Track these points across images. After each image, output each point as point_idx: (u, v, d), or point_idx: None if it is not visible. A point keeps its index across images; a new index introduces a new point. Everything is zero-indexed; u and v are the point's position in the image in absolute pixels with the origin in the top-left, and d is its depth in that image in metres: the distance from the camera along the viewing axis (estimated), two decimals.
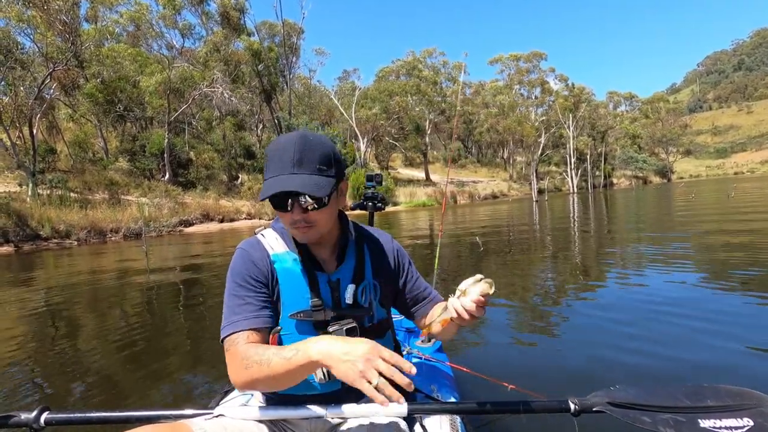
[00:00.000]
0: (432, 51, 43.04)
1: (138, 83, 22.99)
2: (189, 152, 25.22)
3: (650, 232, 8.41)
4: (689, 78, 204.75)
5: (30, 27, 19.05)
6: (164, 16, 28.28)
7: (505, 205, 24.82)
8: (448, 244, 8.72)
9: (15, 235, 13.66)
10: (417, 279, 1.23)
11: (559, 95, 49.14)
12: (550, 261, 6.05)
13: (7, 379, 2.62)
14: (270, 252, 1.07)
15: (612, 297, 3.86)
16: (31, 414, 1.00)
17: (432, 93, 38.03)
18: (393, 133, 38.71)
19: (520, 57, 50.00)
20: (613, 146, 57.95)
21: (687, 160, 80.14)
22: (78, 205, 16.33)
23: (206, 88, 23.95)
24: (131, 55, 23.76)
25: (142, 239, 9.57)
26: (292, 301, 1.04)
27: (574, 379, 2.29)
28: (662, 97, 74.36)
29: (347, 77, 46.11)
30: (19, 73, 18.53)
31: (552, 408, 1.05)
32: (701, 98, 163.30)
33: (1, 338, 3.71)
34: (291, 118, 28.85)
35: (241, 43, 28.14)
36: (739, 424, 0.96)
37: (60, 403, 2.23)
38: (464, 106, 47.37)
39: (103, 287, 6.16)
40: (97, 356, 2.81)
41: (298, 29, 33.60)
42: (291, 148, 0.96)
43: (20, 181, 17.41)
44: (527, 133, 44.09)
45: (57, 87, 21.01)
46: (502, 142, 50.93)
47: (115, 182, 20.43)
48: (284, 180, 0.95)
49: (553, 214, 15.44)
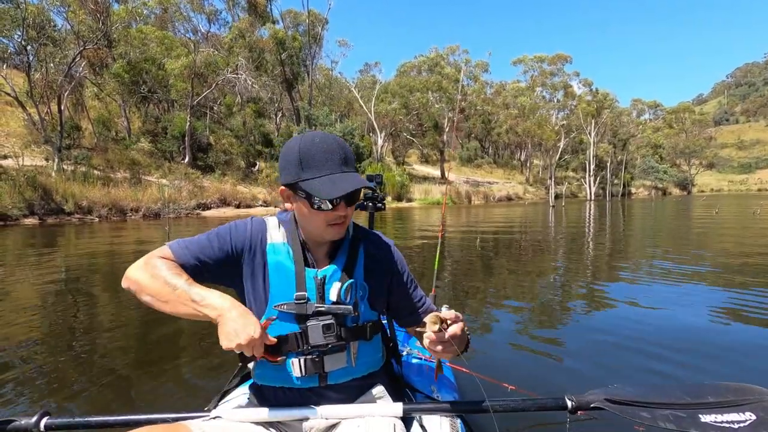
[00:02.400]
0: (455, 48, 42.68)
1: (163, 66, 23.29)
2: (209, 137, 25.53)
3: (667, 246, 8.30)
4: (717, 89, 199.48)
5: (63, 5, 19.45)
6: (192, 0, 28.52)
7: (520, 208, 24.64)
8: (459, 244, 8.73)
9: (40, 208, 14.06)
10: (413, 289, 1.22)
11: (581, 100, 48.37)
12: (558, 266, 6.01)
13: None
14: (269, 240, 1.09)
15: (615, 306, 3.83)
16: (32, 419, 1.00)
17: (453, 91, 37.76)
18: (411, 129, 38.57)
19: (544, 59, 49.32)
20: (634, 155, 56.90)
21: (709, 173, 78.27)
22: (100, 183, 16.70)
23: (230, 74, 24.16)
24: (158, 38, 24.05)
25: (163, 220, 9.76)
26: (279, 292, 1.05)
27: (574, 380, 2.29)
28: (688, 107, 72.65)
29: (368, 70, 46.08)
30: (50, 50, 18.94)
31: (548, 406, 1.05)
32: (728, 110, 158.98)
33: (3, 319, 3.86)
34: (311, 108, 28.93)
35: (266, 30, 28.27)
36: (741, 418, 0.95)
37: (57, 396, 2.20)
38: (484, 105, 46.92)
39: (117, 267, 6.31)
40: (96, 356, 2.74)
41: (322, 19, 33.60)
42: (336, 148, 1.01)
43: (46, 155, 17.85)
44: (547, 137, 43.54)
45: (86, 65, 21.41)
46: (520, 144, 50.38)
47: (137, 162, 20.80)
48: (348, 178, 1.00)
49: (569, 221, 15.28)
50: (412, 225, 13.45)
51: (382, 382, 1.15)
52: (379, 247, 1.18)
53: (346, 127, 28.56)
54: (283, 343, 1.03)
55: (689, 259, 6.26)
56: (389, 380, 1.21)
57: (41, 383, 2.33)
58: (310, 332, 1.03)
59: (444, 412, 1.09)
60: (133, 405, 2.13)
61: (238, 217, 1.36)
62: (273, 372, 1.06)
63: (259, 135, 28.81)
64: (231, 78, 24.41)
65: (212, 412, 1.04)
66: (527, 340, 3.01)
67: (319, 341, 1.03)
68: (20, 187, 13.83)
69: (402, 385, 1.27)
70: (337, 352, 1.06)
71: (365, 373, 1.12)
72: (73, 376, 2.44)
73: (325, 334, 1.02)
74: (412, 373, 1.41)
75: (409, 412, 1.04)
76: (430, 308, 1.24)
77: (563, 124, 47.56)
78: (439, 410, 1.08)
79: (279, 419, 1.05)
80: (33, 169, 15.48)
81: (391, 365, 1.26)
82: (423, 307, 1.22)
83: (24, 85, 18.94)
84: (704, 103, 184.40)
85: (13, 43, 18.83)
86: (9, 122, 20.13)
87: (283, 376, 1.06)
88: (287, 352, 1.04)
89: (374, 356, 1.15)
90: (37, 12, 17.92)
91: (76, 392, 2.23)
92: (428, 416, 1.10)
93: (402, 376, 1.30)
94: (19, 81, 19.63)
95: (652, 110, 68.50)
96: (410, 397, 1.26)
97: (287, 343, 1.04)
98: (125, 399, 2.19)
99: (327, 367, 1.05)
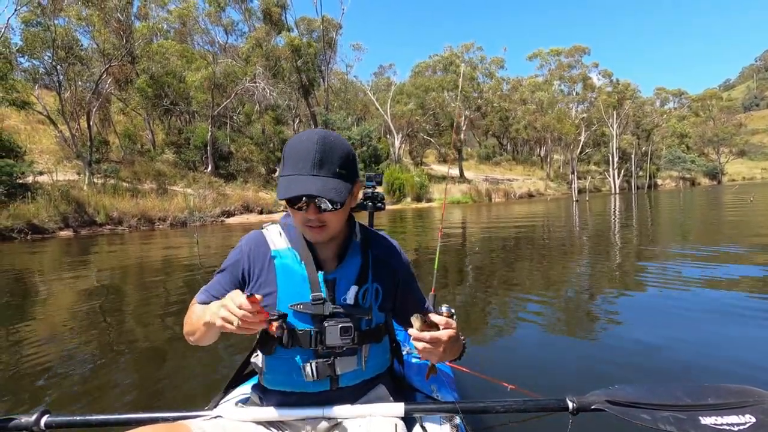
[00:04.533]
0: (470, 46, 42.39)
1: (184, 78, 23.97)
2: (230, 145, 26.11)
3: (696, 238, 8.04)
4: (745, 73, 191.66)
5: (88, 25, 20.26)
6: (210, 13, 29.24)
7: (542, 205, 24.25)
8: (479, 242, 8.68)
9: (74, 221, 14.65)
10: (415, 289, 1.23)
11: (602, 91, 47.28)
12: (575, 264, 5.89)
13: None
14: (271, 247, 1.09)
15: (626, 304, 3.74)
16: (32, 417, 1.01)
17: (469, 89, 37.50)
18: (428, 129, 38.49)
19: (561, 52, 48.43)
20: (659, 145, 55.22)
21: (740, 162, 75.14)
22: (129, 194, 17.29)
23: (248, 83, 24.66)
24: (178, 51, 24.77)
25: (190, 228, 10.02)
26: (290, 294, 1.05)
27: (575, 380, 2.28)
28: (715, 93, 70.00)
29: (383, 72, 46.27)
30: (78, 68, 19.75)
31: (550, 407, 1.05)
32: (758, 95, 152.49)
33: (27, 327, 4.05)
34: (328, 113, 29.22)
35: (281, 39, 28.74)
36: (741, 420, 0.95)
37: (58, 395, 2.25)
38: (501, 102, 46.40)
39: (145, 275, 6.52)
40: (101, 355, 2.85)
41: (336, 24, 33.92)
42: (312, 149, 0.96)
43: (78, 170, 18.58)
44: (567, 131, 42.72)
45: (112, 82, 22.22)
46: (540, 139, 49.59)
47: (162, 173, 21.44)
48: (304, 181, 0.96)
49: (594, 216, 14.97)
50: (432, 225, 13.42)
51: (384, 382, 1.17)
52: (386, 249, 1.18)
53: (363, 130, 28.73)
54: (296, 338, 1.04)
55: (718, 255, 6.05)
56: (391, 380, 1.22)
57: (41, 382, 2.42)
58: (327, 333, 1.03)
59: (444, 412, 1.09)
60: (133, 404, 2.15)
61: (261, 222, 1.38)
62: (285, 377, 1.06)
63: (278, 142, 29.29)
64: (249, 87, 24.91)
65: (213, 412, 1.04)
66: (527, 339, 3.00)
67: (336, 342, 1.03)
68: (55, 201, 14.46)
69: (403, 385, 1.29)
70: (350, 355, 1.06)
71: (373, 375, 1.13)
72: (74, 375, 2.50)
73: (342, 336, 1.03)
74: (412, 373, 1.43)
75: (411, 412, 1.04)
76: (428, 308, 1.25)
77: (583, 117, 46.57)
78: (439, 410, 1.09)
79: (281, 419, 1.04)
80: (66, 183, 16.16)
81: (392, 365, 1.27)
82: (422, 307, 1.24)
83: (55, 103, 19.79)
84: (732, 89, 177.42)
85: (44, 63, 19.73)
86: (42, 140, 21.06)
87: (295, 381, 1.05)
88: (294, 347, 1.05)
89: (382, 358, 1.16)
90: (65, 33, 18.71)
91: (76, 391, 2.28)
92: (428, 416, 1.10)
93: (403, 376, 1.32)
94: (50, 100, 20.52)
95: (677, 98, 66.35)
96: (411, 397, 1.27)
97: (300, 340, 1.04)
98: (125, 398, 2.21)
99: (338, 370, 1.05)
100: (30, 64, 20.16)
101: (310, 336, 1.04)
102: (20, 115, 20.27)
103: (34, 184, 15.03)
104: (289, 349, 1.05)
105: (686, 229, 9.51)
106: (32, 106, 18.43)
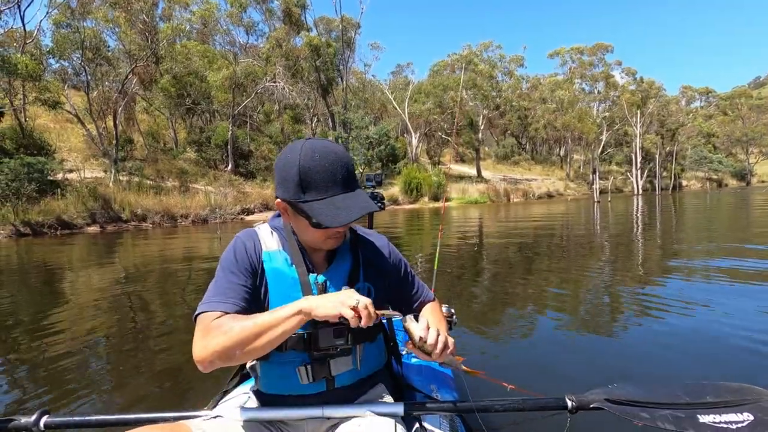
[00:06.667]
0: (488, 44, 41.97)
1: (206, 78, 24.44)
2: (250, 144, 26.48)
3: (721, 242, 7.80)
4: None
5: (115, 26, 20.83)
6: (231, 14, 29.70)
7: (561, 205, 23.87)
8: (495, 243, 8.61)
9: (101, 217, 15.11)
10: (411, 282, 1.23)
11: (625, 90, 46.20)
12: (579, 264, 5.80)
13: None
14: (263, 248, 1.07)
15: (629, 305, 3.70)
16: (31, 417, 1.01)
17: (488, 87, 37.15)
18: (446, 128, 38.29)
19: (583, 50, 47.48)
20: (684, 145, 53.65)
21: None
22: (152, 191, 17.73)
23: (268, 83, 24.98)
24: (200, 52, 25.25)
25: (211, 225, 10.21)
26: (281, 298, 1.03)
27: (575, 380, 2.28)
28: (744, 92, 67.64)
29: (401, 71, 46.21)
30: (105, 69, 20.33)
31: (549, 406, 1.05)
32: None
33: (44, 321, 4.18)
34: (346, 112, 29.36)
35: (301, 38, 28.99)
36: (739, 418, 0.95)
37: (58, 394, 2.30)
38: (520, 101, 45.80)
39: (168, 269, 6.70)
40: (103, 355, 2.88)
41: (355, 24, 34.02)
42: (338, 165, 0.96)
43: (104, 168, 19.14)
44: (588, 130, 41.90)
45: (137, 82, 22.80)
46: (559, 139, 48.77)
47: (185, 171, 21.91)
48: (352, 201, 0.96)
49: (616, 218, 14.66)
50: (449, 226, 13.38)
51: (383, 381, 1.16)
52: (376, 247, 1.18)
53: (381, 129, 28.75)
54: (290, 342, 1.02)
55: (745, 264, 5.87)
56: (390, 380, 1.22)
57: (41, 381, 2.46)
58: (320, 335, 1.02)
59: (444, 412, 1.09)
60: (133, 404, 2.16)
61: None
62: (280, 381, 1.06)
63: (296, 140, 29.55)
64: (269, 86, 25.23)
65: (213, 412, 1.04)
66: (527, 339, 3.00)
67: (330, 344, 1.02)
68: (83, 197, 14.94)
69: (402, 384, 1.28)
70: (344, 355, 1.06)
71: (370, 373, 1.13)
72: (75, 374, 2.53)
73: (335, 338, 1.02)
74: (411, 372, 1.43)
75: (410, 412, 1.04)
76: (428, 298, 1.26)
77: (605, 116, 45.59)
78: (439, 410, 1.08)
79: (280, 419, 1.04)
80: (93, 180, 16.67)
81: (391, 365, 1.27)
82: (421, 298, 1.24)
83: (83, 103, 20.42)
84: (762, 87, 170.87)
85: (72, 64, 20.37)
86: (70, 138, 21.77)
87: (291, 384, 1.05)
88: (288, 350, 1.03)
89: (378, 356, 1.17)
90: (93, 35, 19.28)
91: (77, 390, 2.31)
92: (428, 416, 1.10)
93: (402, 376, 1.32)
94: (77, 100, 21.18)
95: (704, 97, 64.35)
96: (410, 397, 1.27)
97: (293, 343, 1.02)
98: (126, 397, 2.23)
99: (333, 371, 1.05)
100: (59, 65, 20.87)
101: (304, 339, 1.02)
102: (50, 115, 20.98)
103: (63, 181, 15.56)
104: (284, 353, 1.03)
105: (712, 230, 9.24)
106: (62, 105, 19.05)
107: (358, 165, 26.81)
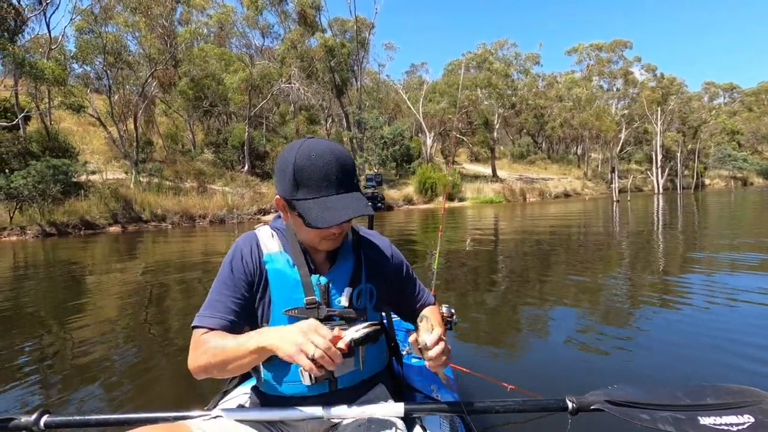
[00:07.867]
0: (504, 42, 41.53)
1: (222, 80, 24.81)
2: (265, 145, 26.80)
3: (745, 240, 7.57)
4: None
5: (135, 31, 21.33)
6: (247, 17, 30.07)
7: (579, 204, 23.49)
8: (512, 242, 8.53)
9: (122, 217, 15.50)
10: (412, 284, 1.24)
11: (645, 87, 45.19)
12: (584, 267, 5.70)
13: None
14: (264, 251, 1.07)
15: (629, 305, 3.65)
16: (31, 417, 1.01)
17: (503, 86, 36.79)
18: (461, 127, 38.05)
19: (601, 46, 46.64)
20: (707, 143, 52.20)
21: None
22: (172, 192, 18.10)
23: (283, 84, 25.23)
24: (217, 54, 25.66)
25: (229, 225, 10.36)
26: (283, 300, 1.04)
27: (575, 380, 2.27)
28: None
29: (415, 71, 46.09)
30: (126, 72, 20.83)
31: (549, 407, 1.05)
32: None
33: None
34: (361, 112, 29.45)
35: (315, 39, 29.20)
36: (739, 420, 0.95)
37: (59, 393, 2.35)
38: (536, 99, 45.21)
39: (187, 269, 6.83)
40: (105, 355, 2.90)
41: (369, 24, 34.08)
42: (334, 166, 0.95)
43: (125, 169, 19.62)
44: (606, 128, 41.11)
45: (156, 85, 23.29)
46: (576, 137, 47.97)
47: (202, 172, 22.29)
48: (343, 203, 0.95)
49: (637, 218, 14.35)
50: (465, 225, 13.31)
51: (383, 382, 1.16)
52: (378, 249, 1.18)
53: (396, 129, 28.76)
54: None
55: None
56: (391, 380, 1.23)
57: (41, 381, 2.51)
58: None
59: (444, 412, 1.09)
60: (133, 403, 2.17)
61: None
62: (283, 382, 1.06)
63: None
64: (285, 88, 25.48)
65: (212, 412, 1.04)
66: (527, 340, 2.99)
67: None
68: (105, 198, 15.35)
69: (403, 385, 1.29)
70: (346, 356, 1.03)
71: (371, 374, 1.13)
72: (75, 374, 2.57)
73: None
74: (412, 373, 1.43)
75: (411, 413, 1.04)
76: (428, 301, 1.26)
77: (624, 113, 44.67)
78: (439, 410, 1.08)
79: (280, 419, 1.04)
80: (115, 182, 17.10)
81: (392, 365, 1.27)
82: (422, 300, 1.25)
83: (104, 106, 20.97)
84: None
85: (95, 69, 20.94)
86: (92, 140, 22.37)
87: (293, 386, 1.05)
88: None
89: (380, 357, 1.17)
90: (114, 39, 19.78)
91: (77, 390, 2.35)
92: (428, 416, 1.10)
93: (403, 376, 1.32)
94: (99, 103, 21.76)
95: (728, 93, 62.53)
96: (411, 397, 1.27)
97: None
98: (126, 397, 2.25)
99: (337, 372, 1.03)
100: (82, 70, 21.46)
101: None
102: (74, 118, 21.60)
103: (86, 183, 16.00)
104: None
105: (735, 230, 8.98)
106: (86, 109, 19.61)
107: (372, 165, 26.86)
